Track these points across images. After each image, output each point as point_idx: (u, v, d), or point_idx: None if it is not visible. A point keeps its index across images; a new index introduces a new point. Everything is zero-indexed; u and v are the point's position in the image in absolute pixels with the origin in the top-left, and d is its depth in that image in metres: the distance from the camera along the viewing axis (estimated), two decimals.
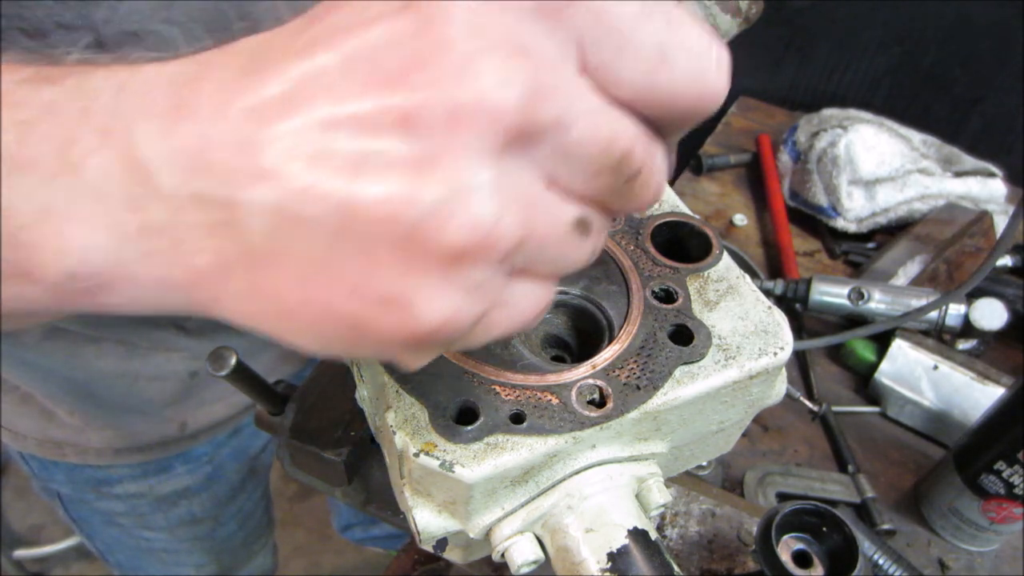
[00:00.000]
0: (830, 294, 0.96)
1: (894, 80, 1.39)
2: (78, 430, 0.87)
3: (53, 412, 0.86)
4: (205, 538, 1.08)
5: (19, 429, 0.89)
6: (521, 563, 0.40)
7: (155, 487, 0.97)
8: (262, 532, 1.22)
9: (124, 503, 0.98)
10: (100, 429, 0.88)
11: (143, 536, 1.04)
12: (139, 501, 0.98)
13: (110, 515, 1.00)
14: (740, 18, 0.68)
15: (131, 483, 0.95)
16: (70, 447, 0.89)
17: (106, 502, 0.98)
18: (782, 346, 0.43)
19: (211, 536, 1.09)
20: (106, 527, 1.03)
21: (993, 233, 1.08)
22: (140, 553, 1.08)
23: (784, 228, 1.18)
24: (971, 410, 0.86)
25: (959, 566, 0.78)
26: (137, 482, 0.95)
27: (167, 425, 0.90)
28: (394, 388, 0.39)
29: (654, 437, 0.43)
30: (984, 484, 0.73)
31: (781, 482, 0.84)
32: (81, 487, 0.96)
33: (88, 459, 0.91)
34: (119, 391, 0.85)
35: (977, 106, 1.35)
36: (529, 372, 0.40)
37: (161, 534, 1.04)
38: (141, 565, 1.12)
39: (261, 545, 1.24)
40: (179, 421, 0.91)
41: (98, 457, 0.90)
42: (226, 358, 0.54)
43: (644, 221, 0.50)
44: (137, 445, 0.90)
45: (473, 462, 0.36)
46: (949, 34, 1.30)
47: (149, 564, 1.11)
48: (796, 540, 0.52)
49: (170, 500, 0.99)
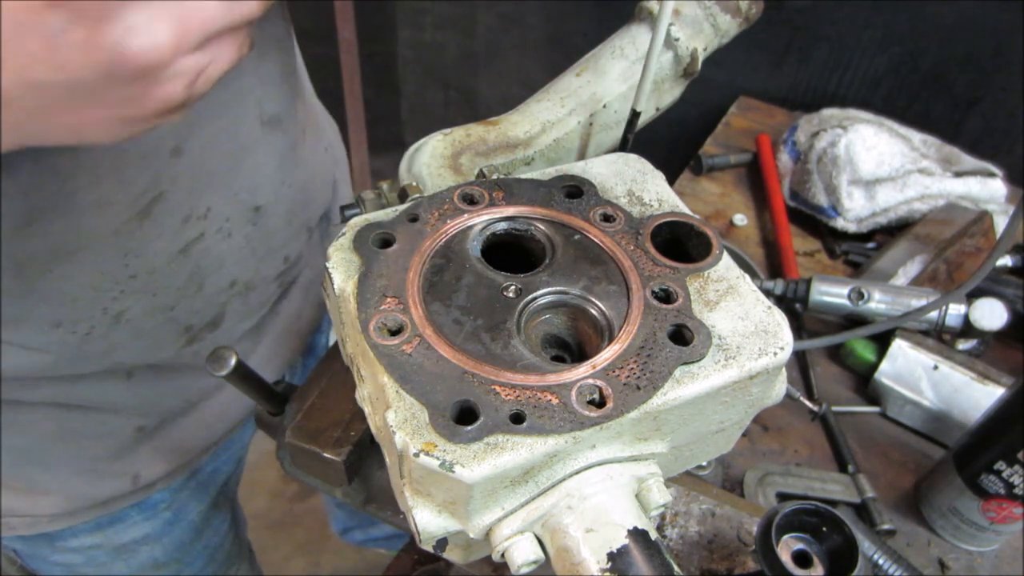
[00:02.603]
0: (830, 294, 0.96)
1: (894, 80, 1.39)
2: (24, 494, 0.82)
3: None
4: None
5: None
6: (521, 563, 0.40)
7: (111, 537, 0.92)
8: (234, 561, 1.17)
9: (81, 555, 0.93)
10: (47, 494, 0.83)
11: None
12: (96, 551, 0.93)
13: (70, 566, 0.95)
14: (740, 18, 0.68)
15: (86, 536, 0.90)
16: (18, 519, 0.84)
17: (63, 555, 0.93)
18: (782, 346, 0.43)
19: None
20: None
21: (993, 233, 1.08)
22: None
23: (784, 228, 1.18)
24: (971, 410, 0.86)
25: (959, 566, 0.78)
26: (92, 535, 0.91)
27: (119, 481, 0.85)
28: (394, 388, 0.39)
29: (654, 437, 0.43)
30: (984, 484, 0.73)
31: (781, 482, 0.84)
32: (35, 544, 0.91)
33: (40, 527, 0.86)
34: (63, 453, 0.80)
35: (977, 106, 1.35)
36: (529, 372, 0.40)
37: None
38: None
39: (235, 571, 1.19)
40: (131, 474, 0.86)
41: (51, 523, 0.85)
42: (226, 358, 0.54)
43: (644, 221, 0.50)
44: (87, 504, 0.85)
45: (473, 462, 0.36)
46: (949, 34, 1.30)
47: None
48: (796, 540, 0.52)
49: (129, 548, 0.95)
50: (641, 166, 0.56)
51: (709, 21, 0.66)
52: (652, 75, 0.60)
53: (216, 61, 0.41)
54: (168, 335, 0.75)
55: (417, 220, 0.48)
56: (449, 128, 0.61)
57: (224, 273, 0.76)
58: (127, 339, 0.72)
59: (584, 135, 0.65)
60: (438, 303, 0.44)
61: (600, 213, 0.50)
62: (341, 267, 0.45)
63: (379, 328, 0.42)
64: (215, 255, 0.74)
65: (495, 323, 0.43)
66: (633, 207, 0.52)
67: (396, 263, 0.45)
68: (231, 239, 0.75)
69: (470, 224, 0.49)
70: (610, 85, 0.65)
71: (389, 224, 0.48)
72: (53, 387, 0.73)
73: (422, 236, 0.47)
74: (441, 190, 0.51)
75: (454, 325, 0.43)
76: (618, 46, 0.66)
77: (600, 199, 0.52)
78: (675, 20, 0.65)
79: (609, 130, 0.67)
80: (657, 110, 0.70)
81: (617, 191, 0.53)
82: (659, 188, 0.54)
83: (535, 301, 0.45)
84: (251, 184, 0.75)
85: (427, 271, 0.45)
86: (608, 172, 0.54)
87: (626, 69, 0.65)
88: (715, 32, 0.67)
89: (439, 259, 0.46)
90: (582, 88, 0.65)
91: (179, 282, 0.72)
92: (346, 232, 0.47)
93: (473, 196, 0.50)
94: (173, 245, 0.70)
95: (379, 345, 0.41)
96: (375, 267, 0.45)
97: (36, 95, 0.36)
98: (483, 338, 0.42)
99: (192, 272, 0.73)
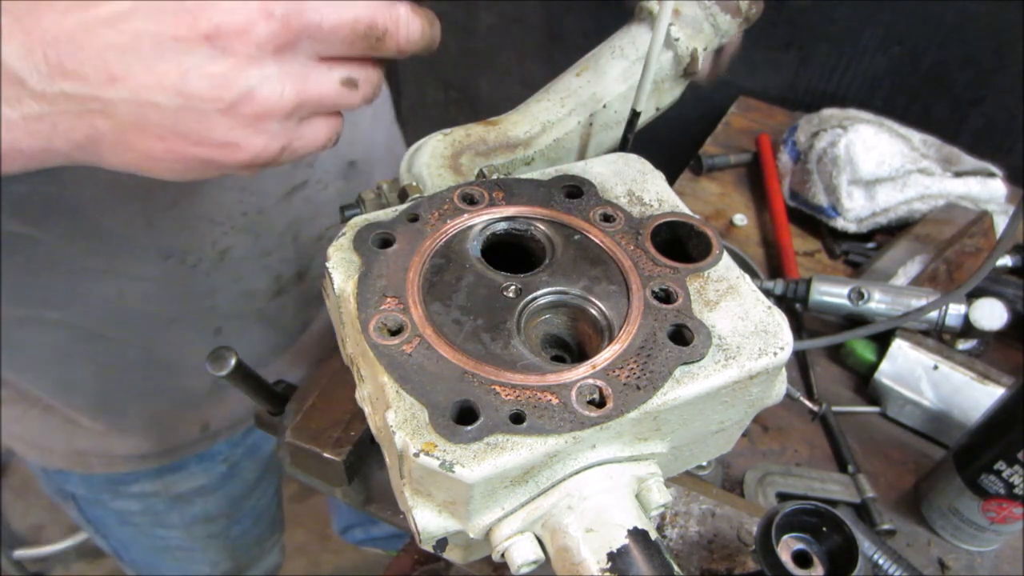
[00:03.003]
0: (830, 294, 0.96)
1: (894, 80, 1.39)
2: (102, 437, 0.88)
3: (76, 420, 0.86)
4: (220, 536, 1.10)
5: (45, 444, 0.90)
6: (521, 563, 0.40)
7: (170, 486, 0.98)
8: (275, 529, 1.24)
9: (140, 502, 0.99)
10: (124, 435, 0.89)
11: (158, 534, 1.05)
12: (154, 500, 0.99)
13: (125, 515, 1.01)
14: (740, 18, 0.68)
15: (147, 483, 0.96)
16: (96, 457, 0.90)
17: (122, 501, 0.98)
18: (782, 346, 0.43)
19: (226, 534, 1.10)
20: (121, 526, 1.04)
21: (993, 233, 1.08)
22: (155, 551, 1.09)
23: (784, 228, 1.18)
24: (971, 410, 0.86)
25: (959, 566, 0.78)
26: (153, 482, 0.96)
27: (189, 428, 0.91)
28: (394, 388, 0.39)
29: (654, 437, 0.43)
30: (984, 484, 0.73)
31: (781, 482, 0.84)
32: (97, 489, 0.96)
33: (115, 467, 0.91)
34: (143, 400, 0.86)
35: (977, 106, 1.35)
36: (529, 372, 0.40)
37: (176, 532, 1.05)
38: (156, 563, 1.13)
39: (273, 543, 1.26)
40: (200, 423, 0.92)
41: (125, 464, 0.91)
42: (226, 358, 0.54)
43: (644, 221, 0.50)
44: (160, 449, 0.91)
45: (473, 462, 0.36)
46: (949, 34, 1.30)
47: (164, 562, 1.12)
48: (796, 540, 0.52)
49: (185, 499, 1.00)
50: (641, 166, 0.56)
51: (709, 21, 0.66)
52: (652, 75, 0.60)
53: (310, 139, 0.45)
54: (261, 282, 0.83)
55: (417, 220, 0.48)
56: (449, 128, 0.61)
57: (316, 224, 0.84)
58: (227, 281, 0.80)
59: (584, 135, 0.65)
60: (438, 303, 0.44)
61: (600, 213, 0.50)
62: (341, 267, 0.45)
63: (379, 328, 0.42)
64: (313, 204, 0.83)
65: (495, 323, 0.43)
66: (633, 207, 0.52)
67: (396, 263, 0.45)
68: (327, 191, 0.84)
69: (470, 224, 0.49)
70: (610, 85, 0.65)
71: (389, 224, 0.48)
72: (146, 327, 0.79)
73: (422, 236, 0.47)
74: (441, 190, 0.51)
75: (454, 325, 0.43)
76: (618, 46, 0.66)
77: (600, 199, 0.52)
78: (675, 20, 0.65)
79: (609, 130, 0.67)
80: (657, 110, 0.70)
81: (617, 191, 0.53)
82: (659, 188, 0.54)
83: (535, 301, 0.45)
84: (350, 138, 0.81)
85: (427, 271, 0.45)
86: (608, 172, 0.54)
87: (626, 69, 0.65)
88: (715, 32, 0.67)
89: (439, 259, 0.46)
90: (582, 88, 0.65)
91: (280, 227, 0.81)
92: (346, 232, 0.47)
93: (473, 196, 0.50)
94: (281, 188, 0.78)
95: (379, 345, 0.41)
96: (375, 267, 0.45)
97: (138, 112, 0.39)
98: (483, 338, 0.42)
99: (292, 219, 0.81)
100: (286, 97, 0.40)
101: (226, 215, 0.74)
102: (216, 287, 0.79)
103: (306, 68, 0.41)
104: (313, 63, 0.42)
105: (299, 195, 0.80)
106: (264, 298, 0.84)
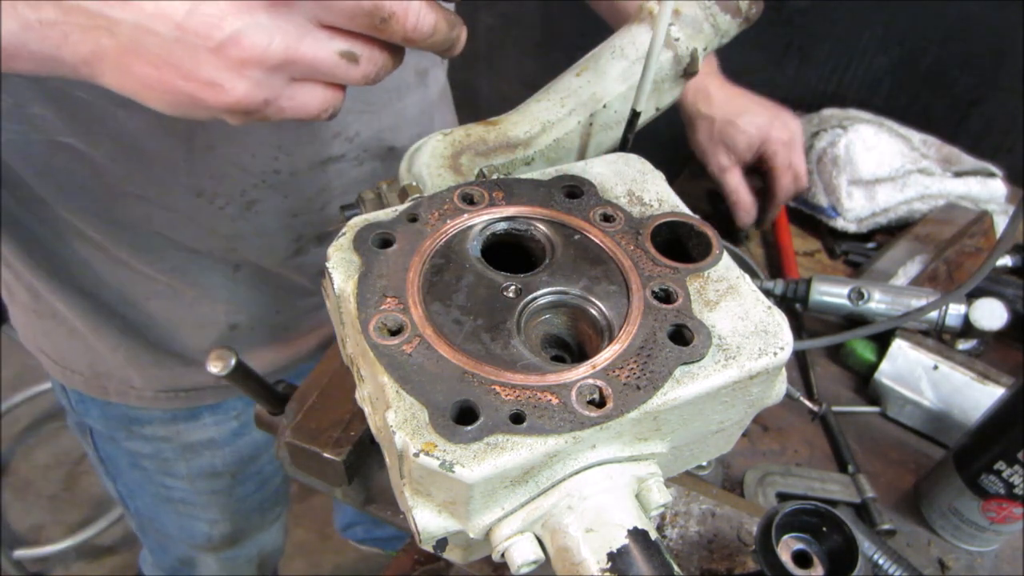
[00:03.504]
0: (830, 294, 0.96)
1: (894, 80, 1.39)
2: (121, 366, 0.92)
3: (96, 347, 0.90)
4: (223, 493, 1.11)
5: (68, 364, 0.94)
6: (521, 563, 0.40)
7: (182, 433, 1.01)
8: (279, 500, 1.25)
9: (151, 445, 1.02)
10: (141, 368, 0.92)
11: (164, 483, 1.07)
12: (165, 445, 1.02)
13: (136, 456, 1.04)
14: (740, 18, 0.68)
15: (160, 426, 0.99)
16: (113, 384, 0.94)
17: (134, 442, 1.02)
18: (782, 346, 0.43)
19: (229, 492, 1.11)
20: (130, 469, 1.07)
21: (993, 233, 1.08)
22: (159, 501, 1.11)
23: (784, 228, 1.18)
24: (971, 410, 0.86)
25: (959, 566, 0.78)
26: (166, 426, 0.99)
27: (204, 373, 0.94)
28: (394, 388, 0.39)
29: (654, 437, 0.43)
30: (984, 484, 0.73)
31: (781, 482, 0.84)
32: (113, 424, 1.00)
33: (129, 399, 0.95)
34: (162, 334, 0.90)
35: (977, 106, 1.35)
36: (529, 372, 0.40)
37: (181, 483, 1.07)
38: (158, 514, 1.15)
39: (276, 515, 1.26)
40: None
41: (139, 397, 0.95)
42: (226, 358, 0.54)
43: (644, 221, 0.50)
44: (174, 388, 0.95)
45: (473, 462, 0.36)
46: (949, 34, 1.30)
47: (166, 514, 1.14)
48: (796, 540, 0.52)
49: (194, 449, 1.03)
50: (641, 166, 0.56)
51: (709, 21, 0.66)
52: (652, 75, 0.60)
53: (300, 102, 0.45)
54: (283, 240, 0.86)
55: (417, 220, 0.48)
56: (449, 128, 0.61)
57: (346, 198, 0.85)
58: (250, 232, 0.83)
59: (584, 135, 0.65)
60: (438, 303, 0.44)
61: (600, 213, 0.50)
62: (341, 267, 0.45)
63: (379, 328, 0.42)
64: (346, 179, 0.85)
65: (495, 323, 0.43)
66: (633, 207, 0.52)
67: (396, 263, 0.45)
68: (362, 168, 0.86)
69: (470, 224, 0.49)
70: (610, 85, 0.65)
71: (389, 224, 0.48)
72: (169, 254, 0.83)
73: (422, 236, 0.47)
74: (441, 190, 0.51)
75: (454, 325, 0.43)
76: (618, 46, 0.66)
77: (600, 199, 0.52)
78: (675, 20, 0.65)
79: (609, 130, 0.67)
80: (657, 110, 0.70)
81: (617, 191, 0.53)
82: (659, 188, 0.54)
83: (535, 301, 0.45)
84: (394, 124, 0.86)
85: (427, 271, 0.45)
86: (608, 172, 0.54)
87: (626, 69, 0.65)
88: (715, 32, 0.67)
89: (439, 259, 0.46)
90: (582, 88, 0.65)
91: (309, 192, 0.83)
92: (346, 232, 0.47)
93: (473, 196, 0.50)
94: (317, 155, 0.81)
95: (379, 345, 0.41)
96: (375, 267, 0.45)
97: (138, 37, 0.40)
98: (483, 338, 0.42)
99: (322, 187, 0.84)
100: (273, 48, 0.41)
101: (259, 169, 0.78)
102: (239, 233, 0.82)
103: (302, 29, 0.42)
104: (312, 27, 0.42)
105: (334, 167, 0.83)
106: (283, 254, 0.87)
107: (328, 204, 0.86)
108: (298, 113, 0.46)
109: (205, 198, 0.78)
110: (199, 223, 0.80)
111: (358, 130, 0.82)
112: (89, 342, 0.90)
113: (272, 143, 0.77)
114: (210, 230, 0.81)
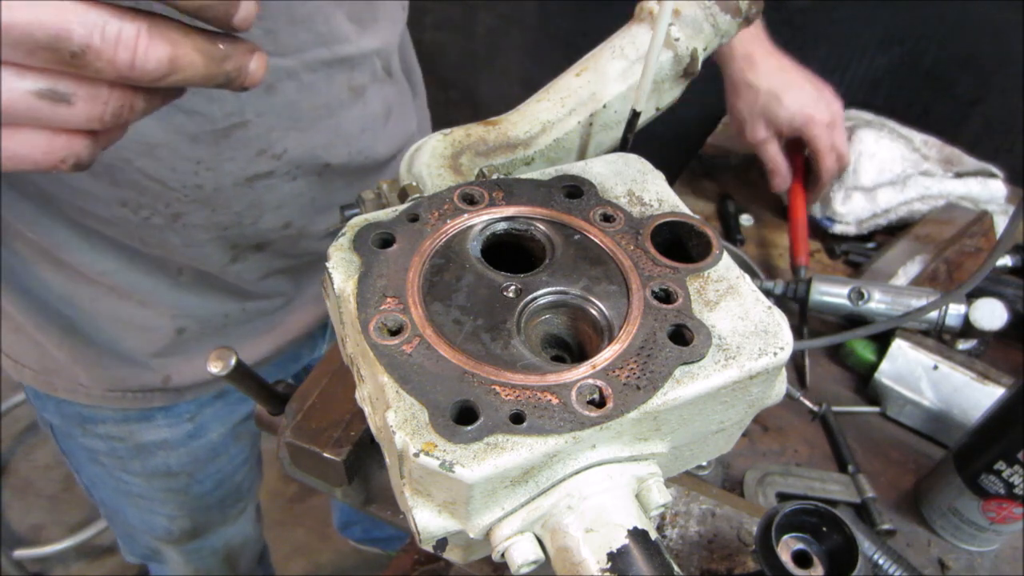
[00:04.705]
0: (830, 294, 0.96)
1: (894, 80, 1.39)
2: (68, 364, 0.91)
3: (42, 344, 0.90)
4: (179, 491, 1.11)
5: (18, 358, 0.93)
6: (521, 563, 0.40)
7: (135, 433, 1.00)
8: (240, 497, 1.23)
9: (105, 443, 1.01)
10: (88, 367, 0.91)
11: (122, 478, 1.07)
12: (119, 444, 1.01)
13: (94, 452, 1.04)
14: (740, 18, 0.68)
15: (113, 426, 0.98)
16: (61, 381, 0.93)
17: (90, 439, 1.01)
18: (782, 346, 0.43)
19: (185, 491, 1.11)
20: (90, 463, 1.07)
21: (993, 233, 1.08)
22: (119, 495, 1.12)
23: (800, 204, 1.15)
24: (971, 410, 0.86)
25: (959, 566, 0.78)
26: (118, 426, 0.98)
27: (151, 375, 0.93)
28: (394, 388, 0.39)
29: (654, 437, 0.43)
30: (984, 484, 0.73)
31: (781, 482, 0.84)
32: (69, 421, 1.00)
33: (77, 396, 0.94)
34: (109, 336, 0.89)
35: (977, 106, 1.35)
36: (529, 372, 0.40)
37: (138, 479, 1.07)
38: (120, 506, 1.15)
39: (238, 511, 1.25)
40: (163, 374, 0.93)
41: (87, 395, 0.94)
42: (226, 358, 0.54)
43: (644, 221, 0.50)
44: (122, 388, 0.93)
45: (473, 462, 0.36)
46: (949, 34, 1.30)
47: (127, 507, 1.14)
48: (796, 540, 0.52)
49: (148, 449, 1.02)
50: (641, 166, 0.56)
51: (709, 21, 0.66)
52: (652, 75, 0.59)
53: (12, 151, 0.38)
54: (216, 251, 0.84)
55: (417, 220, 0.48)
56: (449, 128, 0.61)
57: (282, 213, 0.85)
58: (179, 243, 0.81)
59: (584, 135, 0.65)
60: (438, 303, 0.44)
61: (600, 213, 0.50)
62: (341, 267, 0.45)
63: (379, 328, 0.42)
64: (279, 193, 0.83)
65: (495, 323, 0.43)
66: (633, 207, 0.52)
67: (396, 263, 0.45)
68: (295, 183, 0.83)
69: (470, 224, 0.49)
70: (610, 85, 0.65)
71: (389, 224, 0.48)
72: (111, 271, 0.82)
73: (422, 236, 0.47)
74: (441, 190, 0.51)
75: (454, 325, 0.43)
76: (618, 46, 0.66)
77: (600, 199, 0.52)
78: (675, 20, 0.65)
79: (609, 130, 0.67)
80: (657, 110, 0.70)
81: (617, 191, 0.53)
82: (659, 188, 0.54)
83: (535, 301, 0.45)
84: (328, 141, 0.83)
85: (427, 271, 0.45)
86: (608, 172, 0.54)
87: (626, 69, 0.65)
88: (715, 32, 0.67)
89: (439, 259, 0.46)
90: (582, 88, 0.65)
91: (239, 207, 0.81)
92: (346, 232, 0.47)
93: (473, 196, 0.50)
94: (243, 171, 0.78)
95: (379, 345, 0.41)
96: (375, 267, 0.45)
97: None
98: (483, 338, 0.42)
99: (253, 202, 0.81)
100: None
101: (180, 184, 0.75)
102: (168, 243, 0.81)
103: None
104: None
105: (262, 183, 0.80)
106: (220, 262, 0.86)
107: (260, 218, 0.83)
108: (16, 164, 0.38)
109: (130, 208, 0.76)
110: (129, 232, 0.79)
111: (286, 147, 0.79)
112: (36, 339, 0.89)
113: (190, 158, 0.74)
114: (139, 239, 0.80)
